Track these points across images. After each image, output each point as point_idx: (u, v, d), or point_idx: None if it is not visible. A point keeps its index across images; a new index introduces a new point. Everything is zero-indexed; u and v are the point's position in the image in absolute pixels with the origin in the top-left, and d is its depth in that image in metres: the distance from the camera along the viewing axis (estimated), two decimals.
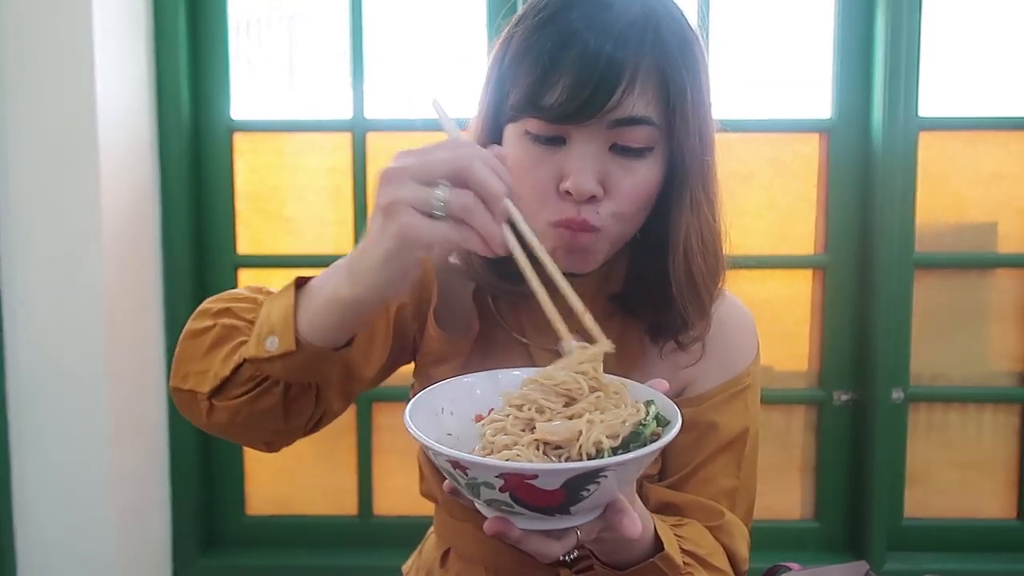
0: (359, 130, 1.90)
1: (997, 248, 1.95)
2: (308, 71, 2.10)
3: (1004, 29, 1.93)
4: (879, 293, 1.84)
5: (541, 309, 0.66)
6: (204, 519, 2.00)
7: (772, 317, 1.95)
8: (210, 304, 0.76)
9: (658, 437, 0.61)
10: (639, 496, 0.75)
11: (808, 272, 1.96)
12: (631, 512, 0.63)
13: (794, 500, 2.01)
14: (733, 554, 0.84)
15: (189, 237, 1.90)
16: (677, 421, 0.62)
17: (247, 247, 1.97)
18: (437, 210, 0.60)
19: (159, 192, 1.86)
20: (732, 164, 1.87)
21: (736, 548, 0.84)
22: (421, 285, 0.85)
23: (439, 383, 0.71)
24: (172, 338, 1.89)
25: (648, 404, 0.65)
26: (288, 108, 2.05)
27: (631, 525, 0.62)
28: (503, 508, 0.59)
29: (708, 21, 1.83)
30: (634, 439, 0.61)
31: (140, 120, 1.80)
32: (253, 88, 2.01)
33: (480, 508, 0.63)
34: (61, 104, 1.62)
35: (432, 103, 0.72)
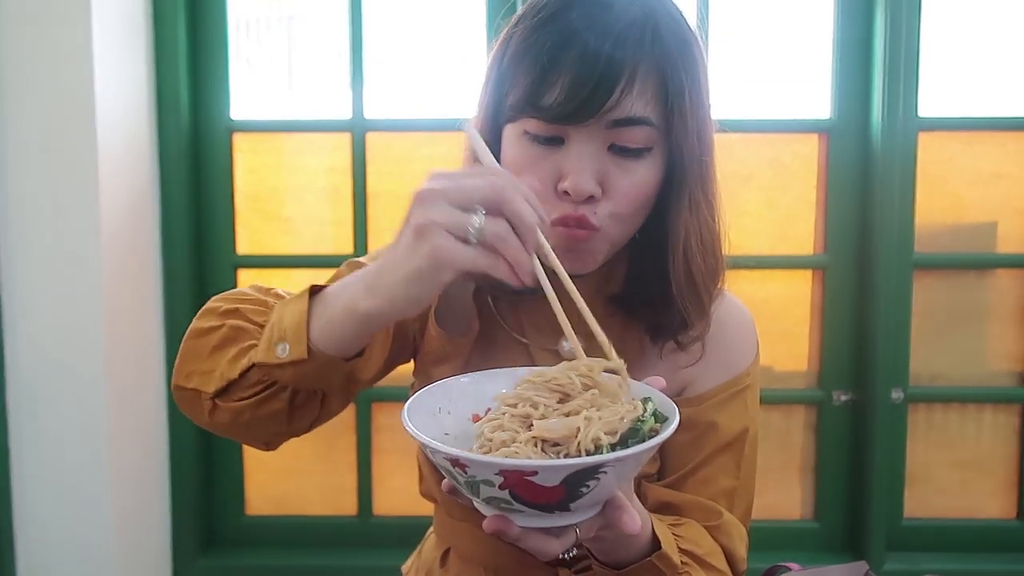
0: (358, 130, 1.89)
1: (996, 248, 1.95)
2: (307, 71, 2.10)
3: (1003, 29, 1.93)
4: (878, 293, 1.84)
5: (540, 309, 0.66)
6: (204, 519, 2.00)
7: (772, 317, 1.95)
8: (217, 303, 0.75)
9: (656, 433, 0.61)
10: (637, 496, 0.75)
11: (808, 272, 1.96)
12: (630, 508, 0.63)
13: (794, 500, 2.01)
14: (731, 554, 0.84)
15: (188, 237, 1.90)
16: (675, 417, 0.62)
17: (246, 247, 1.97)
18: (471, 236, 0.61)
19: (158, 192, 1.86)
20: (731, 164, 1.85)
21: (734, 548, 0.84)
22: None
23: (436, 383, 0.71)
24: (172, 338, 1.89)
25: (645, 401, 0.65)
26: (287, 108, 2.05)
27: (630, 521, 0.62)
28: (502, 506, 0.59)
29: (708, 21, 1.83)
30: (632, 435, 0.61)
31: (139, 120, 1.80)
32: (252, 88, 2.01)
33: (479, 507, 0.63)
34: (60, 104, 1.62)
35: (465, 127, 0.73)
